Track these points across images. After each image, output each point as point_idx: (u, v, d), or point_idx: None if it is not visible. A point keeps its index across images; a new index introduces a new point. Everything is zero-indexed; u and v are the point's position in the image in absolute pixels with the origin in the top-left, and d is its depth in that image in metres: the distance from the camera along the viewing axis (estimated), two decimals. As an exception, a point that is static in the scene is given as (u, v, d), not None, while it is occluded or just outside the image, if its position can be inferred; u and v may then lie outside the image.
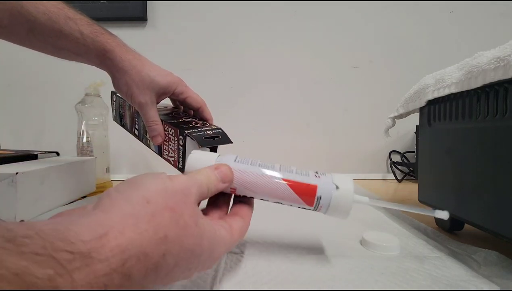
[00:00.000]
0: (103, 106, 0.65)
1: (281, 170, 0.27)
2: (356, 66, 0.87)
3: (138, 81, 0.38)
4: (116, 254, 0.14)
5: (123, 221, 0.16)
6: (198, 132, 0.36)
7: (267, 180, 0.26)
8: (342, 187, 0.26)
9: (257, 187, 0.26)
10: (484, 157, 0.30)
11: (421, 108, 0.42)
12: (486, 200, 0.29)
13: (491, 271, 0.26)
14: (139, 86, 0.38)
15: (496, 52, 0.28)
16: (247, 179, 0.26)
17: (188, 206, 0.19)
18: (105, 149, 0.65)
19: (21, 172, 0.39)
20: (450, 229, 0.38)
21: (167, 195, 0.18)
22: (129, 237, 0.15)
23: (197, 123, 0.40)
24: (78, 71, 0.87)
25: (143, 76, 0.38)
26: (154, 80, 0.39)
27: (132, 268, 0.15)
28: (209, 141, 0.35)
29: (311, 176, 0.27)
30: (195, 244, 0.18)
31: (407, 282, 0.25)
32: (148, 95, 0.39)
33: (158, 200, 0.18)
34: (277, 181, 0.26)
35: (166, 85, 0.39)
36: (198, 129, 0.37)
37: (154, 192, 0.18)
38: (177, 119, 0.41)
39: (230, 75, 0.87)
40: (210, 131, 0.37)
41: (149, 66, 0.39)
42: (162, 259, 0.16)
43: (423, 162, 0.43)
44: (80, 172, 0.54)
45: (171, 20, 0.87)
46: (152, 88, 0.39)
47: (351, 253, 0.31)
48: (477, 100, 0.31)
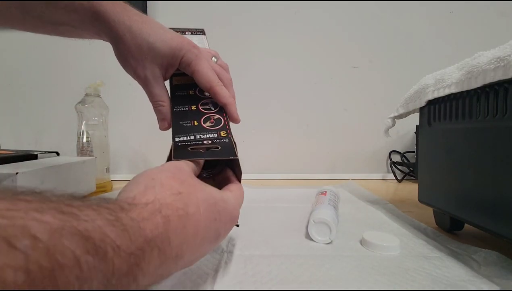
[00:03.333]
0: (103, 106, 0.65)
1: None
2: (356, 66, 0.87)
3: (134, 50, 0.30)
4: (149, 203, 0.17)
5: (141, 191, 0.19)
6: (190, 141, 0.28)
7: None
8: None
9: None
10: (484, 157, 0.30)
11: (421, 108, 0.42)
12: (486, 200, 0.29)
13: (491, 271, 0.26)
14: (136, 57, 0.30)
15: (496, 52, 0.28)
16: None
17: (184, 173, 0.22)
18: (105, 149, 0.65)
19: (21, 172, 0.39)
20: (450, 229, 0.38)
21: (164, 171, 0.22)
22: (153, 195, 0.18)
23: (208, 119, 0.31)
24: (78, 71, 0.87)
25: (139, 43, 0.30)
26: (153, 47, 0.30)
27: (167, 212, 0.18)
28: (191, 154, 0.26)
29: None
30: (208, 195, 0.22)
31: (407, 282, 0.25)
32: (147, 68, 0.31)
33: (160, 175, 0.21)
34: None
35: (169, 53, 0.31)
36: (196, 136, 0.29)
37: (154, 172, 0.21)
38: (189, 105, 0.32)
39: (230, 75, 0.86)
40: (209, 141, 0.28)
41: (150, 29, 0.30)
42: (187, 207, 0.19)
43: (423, 162, 0.43)
44: (80, 172, 0.54)
45: (171, 20, 0.87)
46: (153, 59, 0.31)
47: (351, 253, 0.31)
48: (477, 100, 0.31)
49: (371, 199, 0.54)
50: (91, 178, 0.58)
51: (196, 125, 0.30)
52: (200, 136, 0.29)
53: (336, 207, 0.40)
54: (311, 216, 0.35)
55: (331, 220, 0.33)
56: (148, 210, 0.17)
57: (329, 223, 0.33)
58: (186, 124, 0.30)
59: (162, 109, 0.32)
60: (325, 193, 0.43)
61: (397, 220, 0.42)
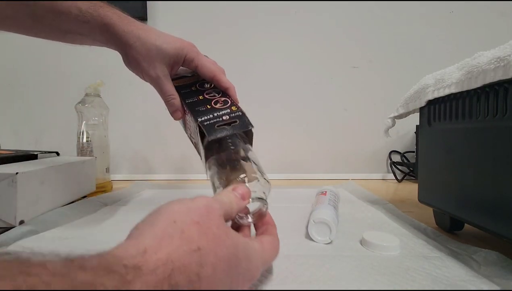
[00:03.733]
0: (103, 106, 0.65)
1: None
2: (356, 66, 0.87)
3: (145, 54, 0.36)
4: (160, 266, 0.15)
5: (156, 241, 0.16)
6: (212, 119, 0.33)
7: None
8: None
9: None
10: (484, 157, 0.30)
11: (421, 108, 0.42)
12: (486, 200, 0.29)
13: (491, 271, 0.26)
14: (146, 60, 0.36)
15: (496, 52, 0.28)
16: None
17: (212, 219, 0.19)
18: (105, 149, 0.65)
19: (21, 172, 0.39)
20: (450, 229, 0.38)
21: (191, 212, 0.19)
22: (167, 252, 0.16)
23: (217, 101, 0.36)
24: (78, 71, 0.87)
25: (148, 47, 0.35)
26: (161, 49, 0.36)
27: (178, 279, 0.15)
28: (221, 131, 0.32)
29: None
30: (230, 254, 0.19)
31: (407, 282, 0.25)
32: (158, 68, 0.36)
33: (183, 218, 0.18)
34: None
35: (174, 53, 0.37)
36: (214, 114, 0.34)
37: (178, 212, 0.18)
38: (197, 96, 0.37)
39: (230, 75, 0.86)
40: (227, 116, 0.33)
41: (155, 35, 0.36)
42: (202, 269, 0.16)
43: (423, 162, 0.43)
44: (80, 172, 0.54)
45: (171, 20, 0.87)
46: (161, 59, 0.36)
47: (351, 253, 0.31)
48: (477, 100, 0.31)
49: (371, 199, 0.54)
50: (91, 178, 0.58)
51: (209, 108, 0.35)
52: (217, 114, 0.34)
53: (336, 207, 0.40)
54: (311, 216, 0.35)
55: (331, 220, 0.33)
56: (157, 276, 0.14)
57: (329, 223, 0.33)
58: (201, 109, 0.35)
59: (174, 102, 0.37)
60: (325, 193, 0.43)
61: (397, 220, 0.42)
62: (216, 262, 0.17)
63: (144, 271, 0.14)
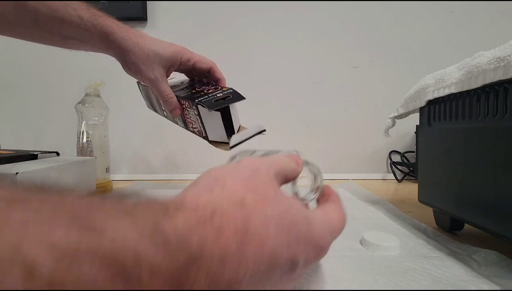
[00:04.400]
0: (103, 106, 0.65)
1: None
2: (356, 66, 0.87)
3: (144, 58, 0.39)
4: (200, 206, 0.14)
5: (198, 191, 0.15)
6: (208, 98, 0.38)
7: None
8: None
9: None
10: (484, 157, 0.30)
11: (421, 108, 0.42)
12: (486, 200, 0.29)
13: (491, 271, 0.26)
14: (145, 63, 0.39)
15: (496, 52, 0.28)
16: None
17: (259, 178, 0.17)
18: (105, 149, 0.65)
19: (21, 172, 0.39)
20: (450, 229, 0.38)
21: (234, 171, 0.17)
22: (206, 198, 0.14)
23: (209, 89, 0.40)
24: (78, 71, 0.87)
25: (146, 52, 0.39)
26: (158, 53, 0.39)
27: (222, 222, 0.14)
28: (218, 103, 0.37)
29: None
30: (283, 212, 0.16)
31: (407, 282, 0.25)
32: (156, 70, 0.39)
33: (226, 176, 0.16)
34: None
35: (171, 56, 0.40)
36: (209, 95, 0.38)
37: (220, 171, 0.17)
38: (190, 91, 0.42)
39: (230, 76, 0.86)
40: (221, 94, 0.38)
41: (151, 41, 0.40)
42: (249, 224, 0.14)
43: (423, 162, 0.43)
44: (80, 172, 0.54)
45: (171, 20, 0.87)
46: (158, 62, 0.39)
47: (351, 253, 0.31)
48: (477, 100, 0.31)
49: (371, 199, 0.54)
50: (91, 178, 0.58)
51: (203, 94, 0.39)
52: (211, 94, 0.39)
53: None
54: None
55: None
56: (197, 216, 0.13)
57: None
58: (196, 95, 0.40)
59: (172, 101, 0.41)
60: None
61: (397, 220, 0.42)
62: (266, 219, 0.15)
63: (184, 211, 0.13)
